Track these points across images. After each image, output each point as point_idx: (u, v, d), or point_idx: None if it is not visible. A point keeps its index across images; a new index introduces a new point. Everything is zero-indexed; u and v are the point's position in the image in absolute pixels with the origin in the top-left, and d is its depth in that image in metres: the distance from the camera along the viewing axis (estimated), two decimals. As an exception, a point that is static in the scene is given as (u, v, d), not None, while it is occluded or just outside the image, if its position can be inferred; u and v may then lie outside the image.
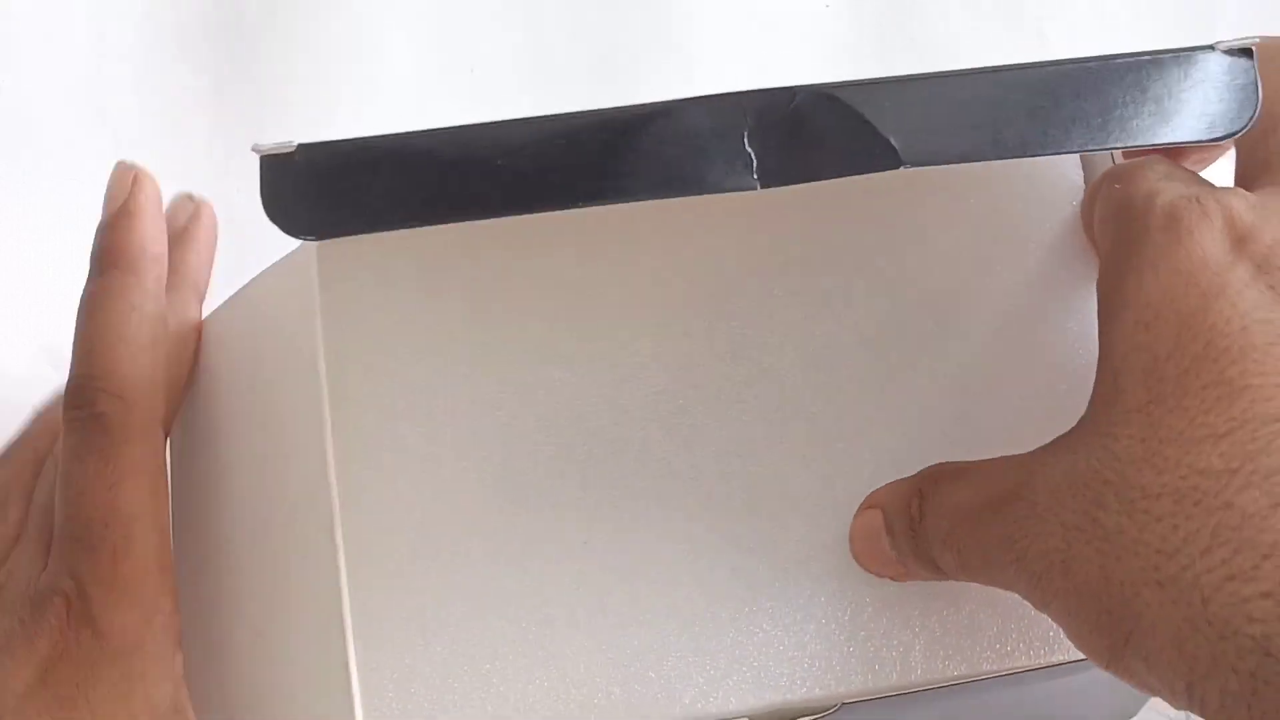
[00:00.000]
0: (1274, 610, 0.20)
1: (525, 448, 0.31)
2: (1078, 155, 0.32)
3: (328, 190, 0.22)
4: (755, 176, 0.23)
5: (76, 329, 0.31)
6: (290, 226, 0.23)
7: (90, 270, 0.31)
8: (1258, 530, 0.21)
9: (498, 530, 0.30)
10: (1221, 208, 0.24)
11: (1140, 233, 0.24)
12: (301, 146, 0.22)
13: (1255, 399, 0.22)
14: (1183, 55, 0.24)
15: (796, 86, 0.23)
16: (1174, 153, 0.28)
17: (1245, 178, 0.26)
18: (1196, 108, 0.24)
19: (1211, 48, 0.24)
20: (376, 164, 0.22)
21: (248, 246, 0.32)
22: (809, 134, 0.24)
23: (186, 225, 0.35)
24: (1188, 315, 0.23)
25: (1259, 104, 0.24)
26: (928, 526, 0.27)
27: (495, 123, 0.23)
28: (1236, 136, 0.24)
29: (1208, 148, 0.28)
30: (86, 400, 0.30)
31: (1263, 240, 0.23)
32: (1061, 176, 0.32)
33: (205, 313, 0.35)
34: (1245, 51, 0.24)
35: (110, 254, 0.31)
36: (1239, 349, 0.22)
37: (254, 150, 0.22)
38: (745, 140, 0.23)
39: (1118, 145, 0.24)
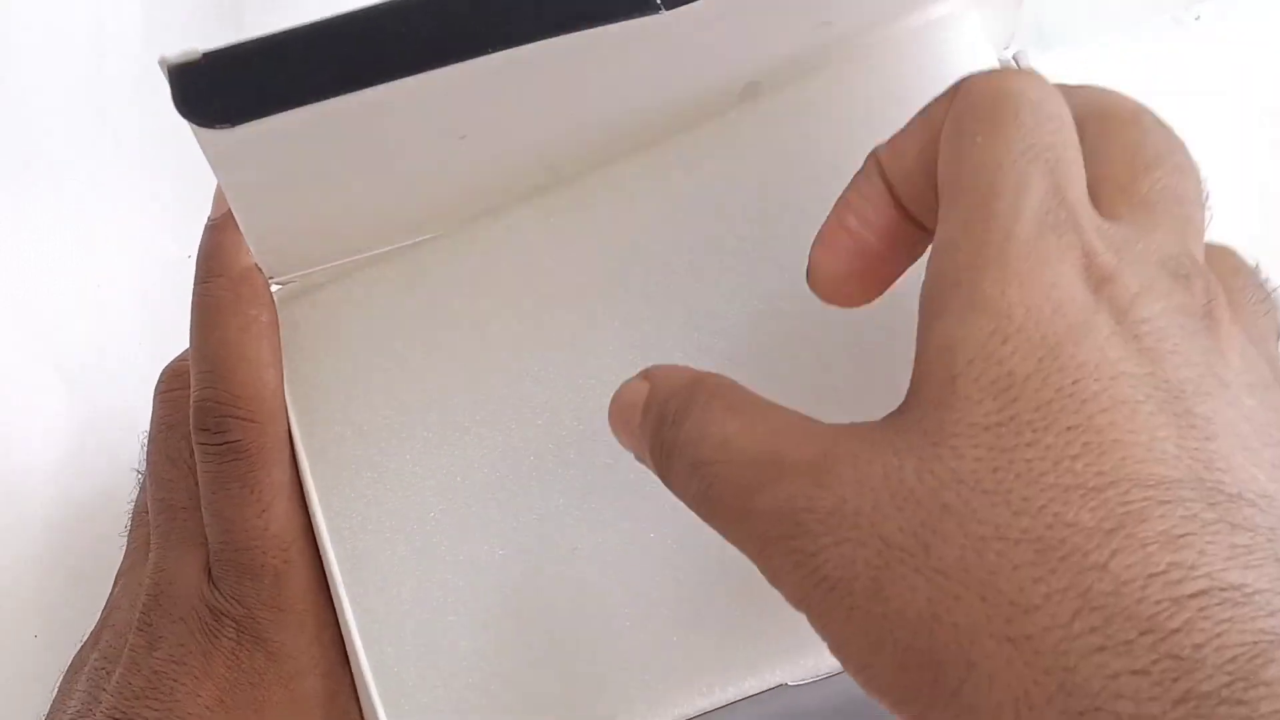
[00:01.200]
0: (1146, 691, 0.18)
1: (505, 468, 0.31)
2: None
3: (237, 82, 0.22)
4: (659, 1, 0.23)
5: (192, 339, 0.30)
6: (204, 119, 0.23)
7: (198, 271, 0.30)
8: (1135, 601, 0.19)
9: (493, 555, 0.30)
10: (1082, 241, 0.22)
11: (1003, 234, 0.22)
12: (207, 53, 0.22)
13: (1126, 458, 0.20)
14: None
15: None
16: None
17: (1098, 196, 0.23)
18: None
19: None
20: (282, 51, 0.22)
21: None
22: None
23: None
24: (1054, 344, 0.21)
25: None
26: (681, 439, 0.24)
27: None
28: None
29: None
30: (217, 426, 0.30)
31: (1125, 289, 0.21)
32: None
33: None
34: None
35: (220, 258, 0.30)
36: (1109, 398, 0.20)
37: (160, 63, 0.22)
38: None
39: None
